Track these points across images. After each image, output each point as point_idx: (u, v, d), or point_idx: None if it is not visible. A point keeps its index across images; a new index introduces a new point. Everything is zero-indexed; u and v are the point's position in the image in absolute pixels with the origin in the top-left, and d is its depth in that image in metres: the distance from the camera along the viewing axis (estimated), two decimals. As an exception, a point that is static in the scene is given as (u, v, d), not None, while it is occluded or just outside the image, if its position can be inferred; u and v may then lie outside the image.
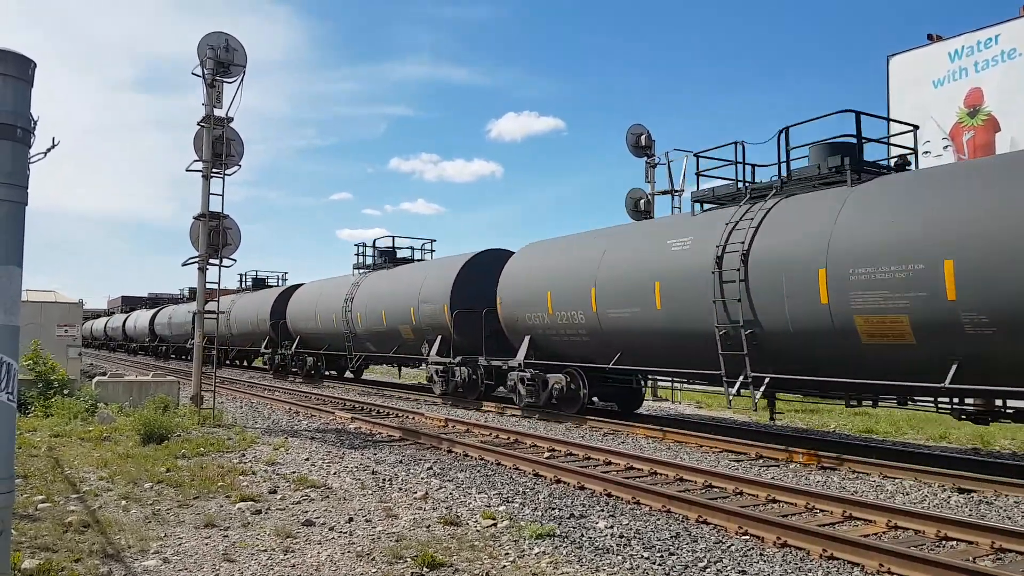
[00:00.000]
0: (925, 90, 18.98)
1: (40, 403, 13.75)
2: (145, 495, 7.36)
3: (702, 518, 6.53)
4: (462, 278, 17.38)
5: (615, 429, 12.60)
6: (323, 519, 6.55)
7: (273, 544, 5.77)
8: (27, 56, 3.29)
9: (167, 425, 11.02)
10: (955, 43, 18.50)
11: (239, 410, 15.93)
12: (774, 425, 13.17)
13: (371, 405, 16.67)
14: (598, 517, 6.69)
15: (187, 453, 9.77)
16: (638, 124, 20.11)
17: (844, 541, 5.52)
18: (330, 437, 11.89)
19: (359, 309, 21.24)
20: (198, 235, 14.11)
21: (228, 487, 7.73)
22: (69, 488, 7.62)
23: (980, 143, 17.83)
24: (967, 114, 18.25)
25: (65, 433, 11.26)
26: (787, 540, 5.80)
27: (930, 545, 5.82)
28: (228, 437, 11.36)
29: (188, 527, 6.25)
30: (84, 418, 12.73)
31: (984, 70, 17.89)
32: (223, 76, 14.14)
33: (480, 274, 17.07)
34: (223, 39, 14.11)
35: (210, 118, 14.01)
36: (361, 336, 21.44)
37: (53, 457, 9.36)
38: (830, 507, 6.82)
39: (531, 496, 7.58)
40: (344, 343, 22.45)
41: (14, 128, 3.25)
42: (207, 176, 14.09)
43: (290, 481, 8.15)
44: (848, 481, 8.40)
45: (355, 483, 8.13)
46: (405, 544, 5.73)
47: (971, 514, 6.84)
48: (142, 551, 5.55)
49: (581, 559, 5.45)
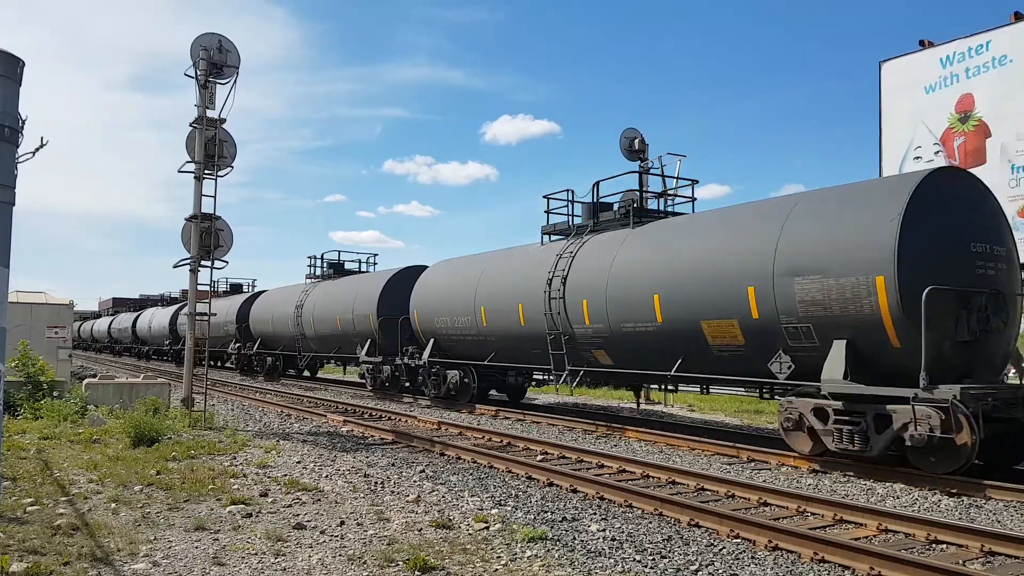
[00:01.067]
0: (917, 95, 19.10)
1: (29, 405, 13.64)
2: (135, 498, 7.31)
3: (694, 521, 6.54)
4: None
5: (605, 432, 12.62)
6: (314, 522, 6.52)
7: (264, 547, 5.73)
8: (15, 55, 3.26)
9: (158, 427, 10.95)
10: (947, 49, 18.64)
11: (230, 412, 15.85)
12: (766, 429, 13.23)
13: (364, 408, 16.63)
14: (590, 520, 6.68)
15: (178, 456, 9.71)
16: (631, 128, 20.10)
17: (835, 544, 5.54)
18: (322, 440, 11.85)
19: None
20: (190, 237, 14.04)
21: (219, 490, 7.69)
22: (58, 491, 7.56)
23: (971, 148, 17.96)
24: (958, 119, 18.37)
25: (55, 435, 11.18)
26: (778, 543, 5.81)
27: (920, 548, 5.84)
28: (219, 440, 11.30)
29: (178, 530, 6.21)
30: (74, 420, 12.64)
31: (975, 76, 18.02)
32: (216, 77, 14.09)
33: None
34: (216, 40, 14.06)
35: (202, 119, 13.95)
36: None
37: (42, 459, 9.29)
38: (821, 510, 6.84)
39: (523, 499, 7.57)
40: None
41: (1, 127, 3.23)
42: (199, 178, 14.02)
43: (281, 484, 8.11)
44: (839, 485, 8.42)
45: (347, 486, 8.10)
46: (397, 547, 5.71)
47: (961, 517, 6.87)
48: (132, 554, 5.51)
49: (573, 562, 5.44)
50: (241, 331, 29.72)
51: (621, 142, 20.28)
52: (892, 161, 19.60)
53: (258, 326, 28.28)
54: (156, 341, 41.92)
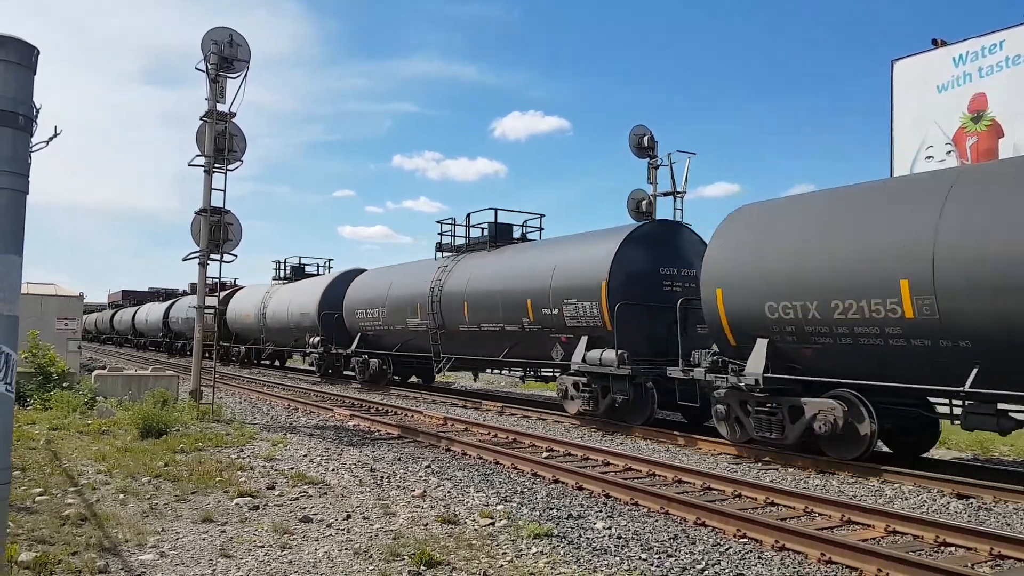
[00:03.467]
0: (929, 95, 18.94)
1: (39, 396, 13.73)
2: (143, 489, 7.35)
3: (700, 520, 6.52)
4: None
5: (610, 432, 12.61)
6: (321, 516, 6.54)
7: (270, 540, 5.75)
8: (30, 43, 3.26)
9: (166, 419, 11.00)
10: (959, 48, 18.46)
11: (238, 405, 15.91)
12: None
13: (370, 403, 16.66)
14: (596, 518, 6.67)
15: (185, 448, 9.75)
16: (641, 125, 20.01)
17: (842, 545, 5.51)
18: (329, 434, 11.88)
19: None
20: (199, 230, 14.08)
21: (226, 482, 7.72)
22: (67, 481, 7.60)
23: (983, 148, 17.80)
24: (971, 119, 18.21)
25: (64, 426, 11.25)
26: (785, 543, 5.78)
27: (928, 550, 5.80)
28: (227, 432, 11.34)
29: (185, 521, 6.24)
30: (83, 411, 12.71)
31: (988, 76, 17.85)
32: (227, 71, 14.11)
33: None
34: (227, 34, 14.08)
35: (213, 113, 13.98)
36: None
37: (51, 450, 9.34)
38: (829, 511, 6.81)
39: (529, 496, 7.56)
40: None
41: (16, 115, 3.23)
42: (209, 171, 14.05)
43: (288, 477, 8.14)
44: (847, 485, 8.38)
45: (353, 480, 8.12)
46: (402, 542, 5.72)
47: (970, 520, 6.82)
48: (139, 545, 5.53)
49: (579, 559, 5.43)
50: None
51: (630, 139, 20.19)
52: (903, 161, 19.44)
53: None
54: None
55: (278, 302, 27.17)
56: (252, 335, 30.48)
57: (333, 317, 22.92)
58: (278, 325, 26.93)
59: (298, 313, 25.14)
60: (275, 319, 27.06)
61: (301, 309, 24.96)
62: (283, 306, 26.53)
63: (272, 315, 27.27)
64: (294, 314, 25.43)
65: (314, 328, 24.00)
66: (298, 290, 26.49)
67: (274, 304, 27.39)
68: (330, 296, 23.59)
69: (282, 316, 26.39)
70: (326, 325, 23.29)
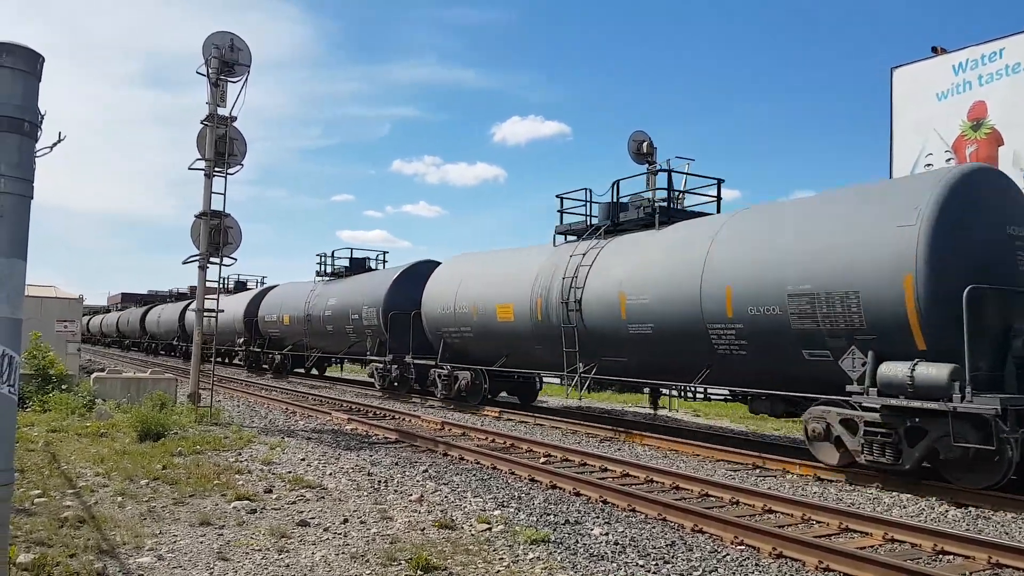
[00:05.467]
0: (928, 103, 18.99)
1: (38, 398, 13.73)
2: (141, 492, 7.35)
3: (698, 527, 6.52)
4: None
5: (608, 436, 12.59)
6: (318, 520, 6.54)
7: (268, 544, 5.75)
8: (36, 50, 3.29)
9: (164, 422, 11.01)
10: (959, 56, 18.52)
11: (236, 409, 15.91)
12: (770, 436, 13.17)
13: (368, 407, 16.65)
14: (593, 524, 6.67)
15: (183, 451, 9.75)
16: (640, 131, 20.01)
17: (840, 553, 5.51)
18: (326, 438, 11.88)
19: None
20: (199, 233, 14.11)
21: (224, 485, 7.72)
22: (65, 483, 7.60)
23: (983, 156, 17.83)
24: (970, 127, 18.26)
25: (62, 428, 11.25)
26: (783, 551, 5.78)
27: (927, 559, 5.81)
28: (225, 436, 11.34)
29: (183, 525, 6.24)
30: (82, 414, 12.71)
31: (988, 83, 17.91)
32: (227, 75, 14.16)
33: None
34: (228, 39, 14.13)
35: (213, 117, 14.02)
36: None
37: (50, 452, 9.34)
38: (827, 519, 6.81)
39: (526, 501, 7.56)
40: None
41: (21, 122, 3.26)
42: (209, 175, 14.09)
43: (286, 481, 8.14)
44: (845, 493, 8.38)
45: (350, 484, 8.12)
46: (399, 547, 5.72)
47: (968, 528, 6.82)
48: (137, 548, 5.54)
49: (576, 565, 5.43)
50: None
51: (629, 145, 20.20)
52: (903, 168, 19.47)
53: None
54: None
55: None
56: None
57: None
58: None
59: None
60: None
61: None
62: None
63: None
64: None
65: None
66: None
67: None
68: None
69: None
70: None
